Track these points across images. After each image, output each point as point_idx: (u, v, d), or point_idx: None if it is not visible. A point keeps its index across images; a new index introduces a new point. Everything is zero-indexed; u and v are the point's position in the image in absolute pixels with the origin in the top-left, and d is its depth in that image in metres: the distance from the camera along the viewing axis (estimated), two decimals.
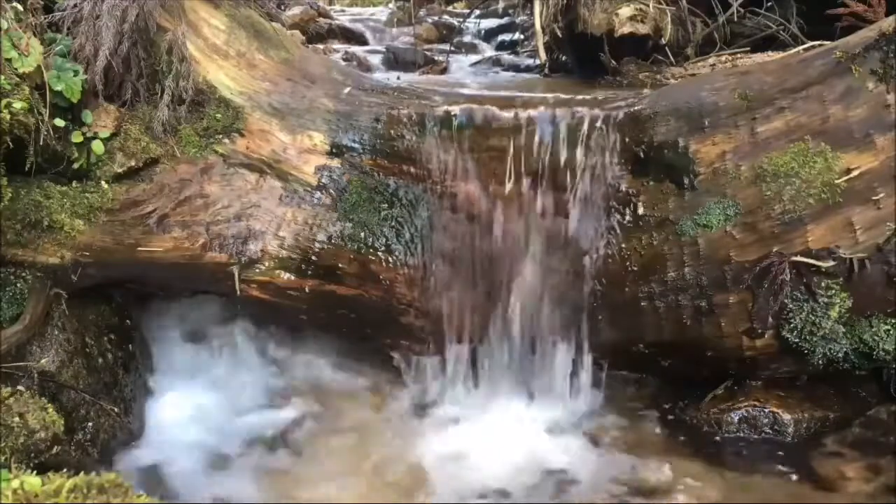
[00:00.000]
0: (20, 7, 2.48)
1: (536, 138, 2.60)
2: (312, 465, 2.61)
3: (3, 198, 2.37)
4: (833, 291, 2.43)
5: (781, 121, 2.48)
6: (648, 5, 3.62)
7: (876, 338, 2.45)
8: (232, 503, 2.42)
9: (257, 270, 2.66)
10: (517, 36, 5.70)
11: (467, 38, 5.90)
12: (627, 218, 2.60)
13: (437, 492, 2.47)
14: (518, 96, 2.95)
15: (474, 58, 5.27)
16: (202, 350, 3.08)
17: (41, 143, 2.42)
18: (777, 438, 2.64)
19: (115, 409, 2.56)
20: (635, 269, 2.59)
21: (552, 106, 2.65)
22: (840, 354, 2.48)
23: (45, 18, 2.59)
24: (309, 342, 3.16)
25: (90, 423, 2.48)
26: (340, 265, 2.69)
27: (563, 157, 2.60)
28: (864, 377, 2.81)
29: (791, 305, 2.46)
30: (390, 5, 7.48)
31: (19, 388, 2.25)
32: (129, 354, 2.77)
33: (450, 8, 7.17)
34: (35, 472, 1.45)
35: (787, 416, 2.65)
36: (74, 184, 2.57)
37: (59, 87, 2.46)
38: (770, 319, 2.50)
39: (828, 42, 2.68)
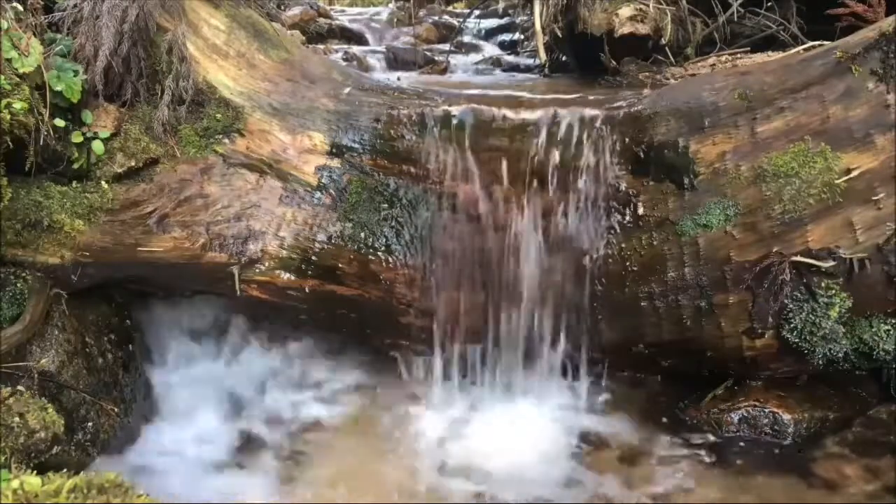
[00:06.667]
0: (20, 7, 2.48)
1: (536, 138, 2.60)
2: (315, 467, 2.61)
3: (3, 198, 2.37)
4: (833, 291, 2.43)
5: (781, 121, 2.48)
6: (648, 5, 3.61)
7: (876, 338, 2.46)
8: (232, 503, 2.42)
9: (257, 270, 2.66)
10: (517, 36, 5.70)
11: (467, 38, 5.90)
12: (627, 218, 2.60)
13: (433, 492, 2.47)
14: (518, 96, 2.95)
15: (474, 58, 5.27)
16: (202, 350, 3.08)
17: (41, 143, 2.42)
18: (777, 438, 2.64)
19: (116, 409, 2.56)
20: (635, 269, 2.59)
21: (552, 106, 2.65)
22: (840, 354, 2.48)
23: (45, 18, 2.59)
24: (309, 342, 3.16)
25: (90, 423, 2.48)
26: (340, 265, 2.69)
27: (562, 157, 2.60)
28: (864, 377, 2.82)
29: (791, 305, 2.46)
30: (390, 5, 7.48)
31: (19, 388, 2.25)
32: (129, 354, 2.77)
33: (450, 8, 7.17)
34: (35, 472, 1.45)
35: (787, 416, 2.65)
36: (74, 184, 2.57)
37: (59, 87, 2.46)
38: (770, 319, 2.50)
39: (828, 42, 2.67)
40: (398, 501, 2.44)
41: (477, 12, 6.09)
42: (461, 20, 6.07)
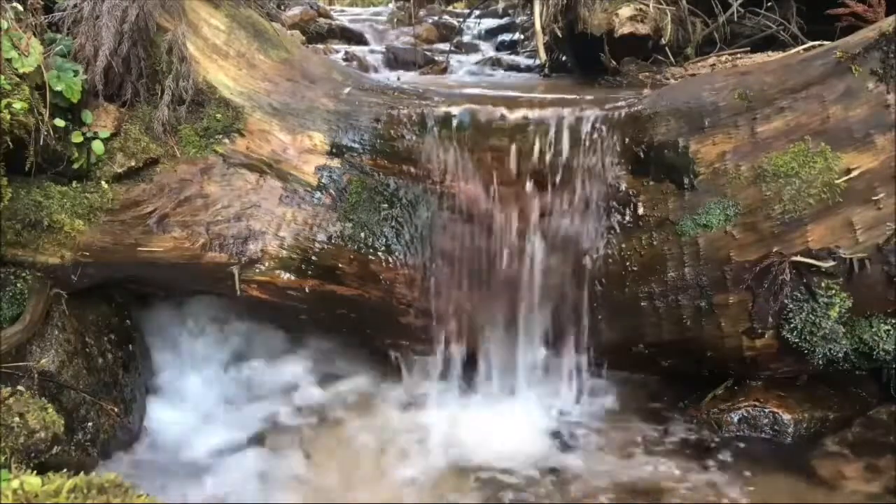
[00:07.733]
0: (20, 7, 2.48)
1: (536, 138, 2.60)
2: (314, 466, 2.61)
3: (3, 198, 2.37)
4: (833, 291, 2.43)
5: (781, 121, 2.48)
6: (648, 5, 3.61)
7: (876, 338, 2.46)
8: (231, 503, 2.42)
9: (257, 270, 2.66)
10: (517, 36, 5.70)
11: (467, 38, 5.91)
12: (627, 218, 2.60)
13: (430, 492, 2.47)
14: (518, 96, 2.95)
15: (474, 58, 5.27)
16: (202, 350, 3.08)
17: (41, 143, 2.41)
18: (777, 438, 2.64)
19: (115, 409, 2.56)
20: (635, 269, 2.59)
21: (552, 106, 2.65)
22: (840, 354, 2.48)
23: (45, 18, 2.59)
24: (310, 342, 3.16)
25: (90, 423, 2.48)
26: (340, 265, 2.69)
27: (562, 157, 2.60)
28: (864, 377, 2.82)
29: (791, 305, 2.46)
30: (390, 5, 7.48)
31: (19, 388, 2.24)
32: (129, 354, 2.77)
33: (450, 8, 7.17)
34: (35, 472, 1.45)
35: (787, 416, 2.65)
36: (74, 184, 2.57)
37: (59, 87, 2.46)
38: (770, 319, 2.50)
39: (828, 42, 2.67)
40: (396, 501, 2.44)
41: (477, 12, 6.09)
42: (461, 20, 6.07)
